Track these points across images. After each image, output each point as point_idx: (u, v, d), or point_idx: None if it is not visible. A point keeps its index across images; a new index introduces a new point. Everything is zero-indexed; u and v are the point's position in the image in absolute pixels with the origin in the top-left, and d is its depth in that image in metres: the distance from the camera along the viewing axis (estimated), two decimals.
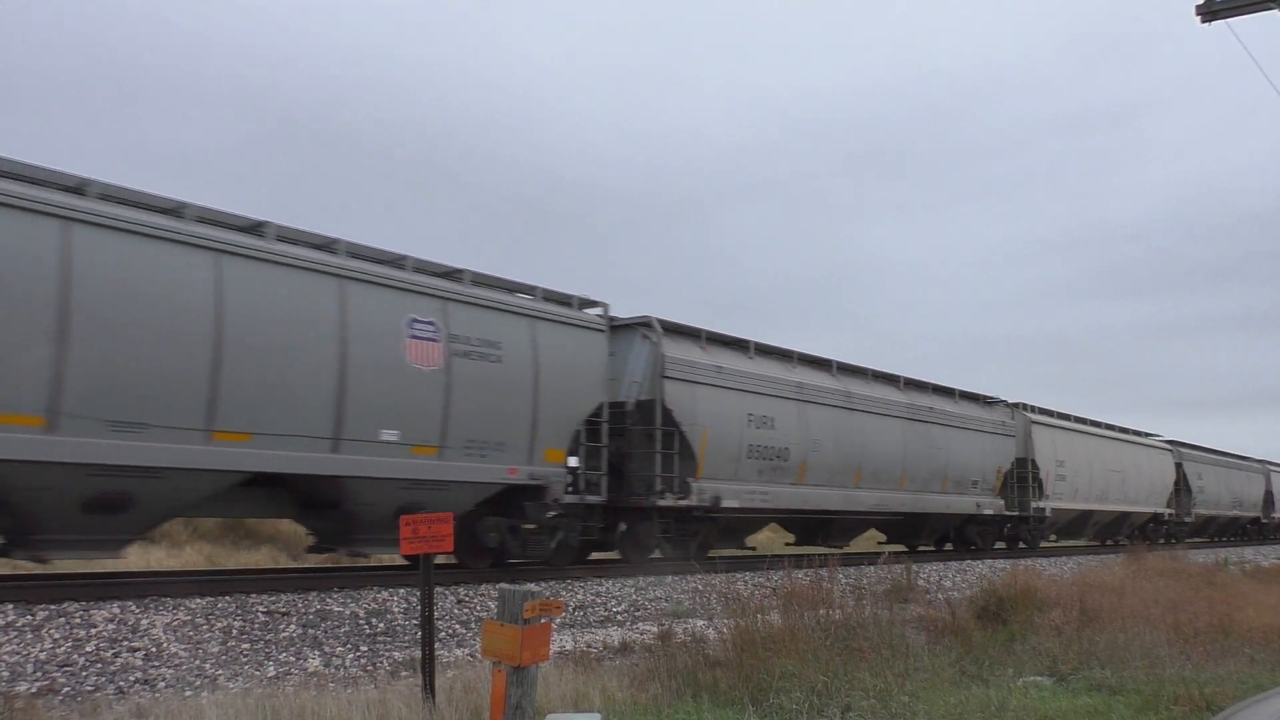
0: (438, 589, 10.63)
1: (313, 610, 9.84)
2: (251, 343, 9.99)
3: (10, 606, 8.40)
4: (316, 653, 8.73)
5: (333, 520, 11.42)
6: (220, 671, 7.83)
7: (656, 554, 14.94)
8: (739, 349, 17.04)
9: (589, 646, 9.80)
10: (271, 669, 8.09)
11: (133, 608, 8.90)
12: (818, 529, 19.50)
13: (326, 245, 11.20)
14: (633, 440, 14.55)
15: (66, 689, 7.07)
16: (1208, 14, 10.42)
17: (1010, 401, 25.25)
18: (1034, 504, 24.51)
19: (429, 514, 6.54)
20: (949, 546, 23.79)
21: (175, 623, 8.75)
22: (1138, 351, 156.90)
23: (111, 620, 8.49)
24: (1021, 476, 24.37)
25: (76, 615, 8.46)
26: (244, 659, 8.25)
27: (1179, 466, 34.00)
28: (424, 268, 12.07)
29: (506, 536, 12.88)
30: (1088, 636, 10.56)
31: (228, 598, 9.77)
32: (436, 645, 7.78)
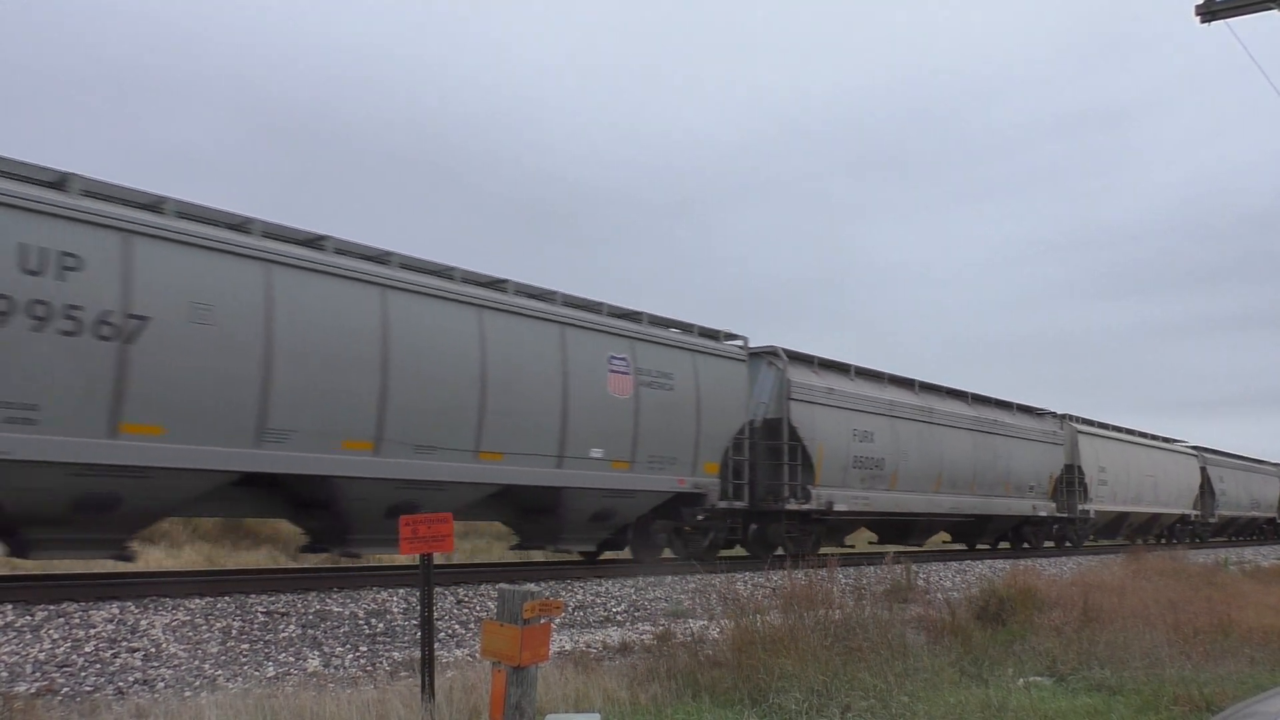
0: (437, 589, 10.62)
1: (312, 610, 9.83)
2: (504, 381, 12.51)
3: (9, 607, 8.39)
4: (316, 653, 8.72)
5: (546, 523, 13.82)
6: (219, 672, 7.82)
7: (779, 551, 17.12)
8: (842, 372, 19.56)
9: (589, 647, 9.80)
10: (271, 669, 8.08)
11: (132, 608, 8.89)
12: (902, 530, 21.87)
13: (545, 295, 13.58)
14: (759, 453, 16.89)
15: (65, 689, 7.07)
16: (1207, 14, 10.41)
17: (1058, 413, 27.53)
18: (1080, 506, 26.96)
19: (429, 514, 6.54)
20: (1004, 545, 26.58)
21: (174, 623, 8.74)
22: (1138, 351, 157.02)
23: (111, 621, 8.49)
24: (1069, 481, 26.90)
25: (75, 615, 8.45)
26: (243, 659, 8.24)
27: (1203, 470, 36.10)
28: (615, 311, 14.64)
29: (672, 536, 15.74)
30: (1087, 636, 10.56)
31: (227, 598, 9.76)
32: (436, 645, 7.77)
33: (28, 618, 8.23)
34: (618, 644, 10.02)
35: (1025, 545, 25.81)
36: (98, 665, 7.62)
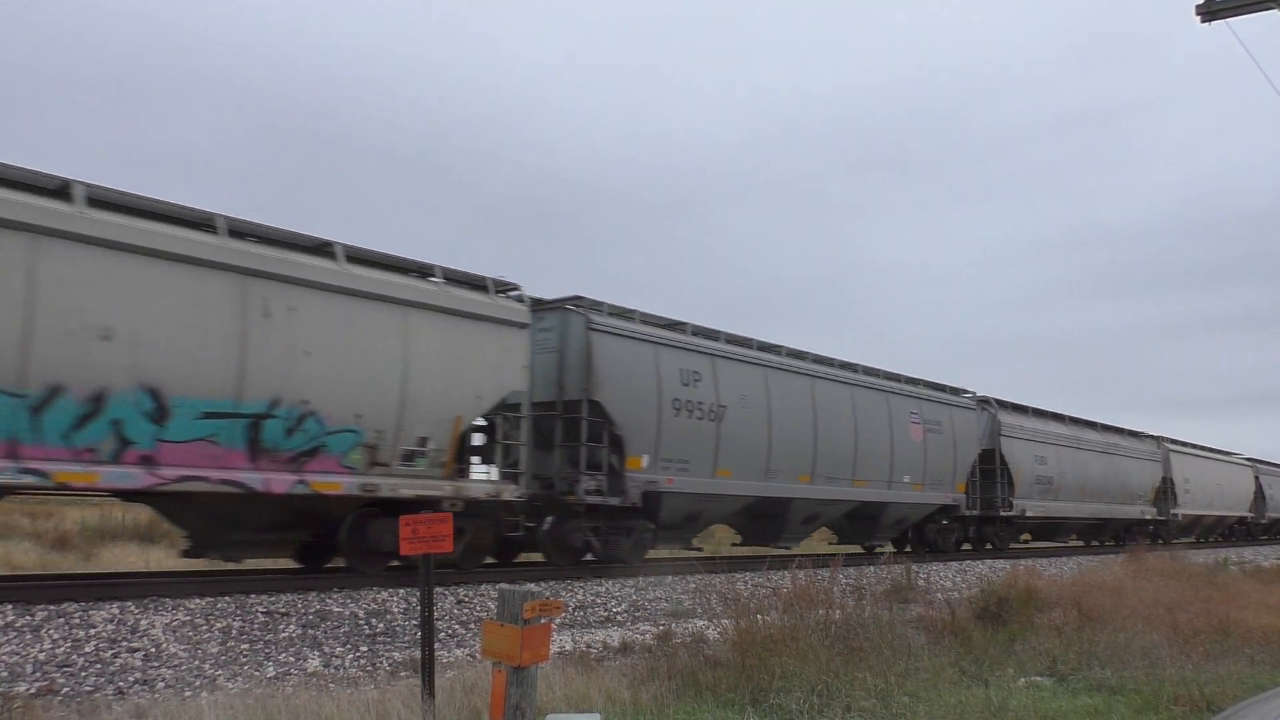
0: (437, 589, 10.62)
1: (312, 610, 9.83)
2: (866, 434, 19.57)
3: (10, 607, 8.39)
4: (316, 653, 8.72)
5: (867, 527, 20.93)
6: (219, 672, 7.82)
7: (989, 546, 24.67)
8: (1023, 412, 26.61)
9: (589, 647, 9.79)
10: (271, 669, 8.08)
11: (132, 608, 8.89)
12: (1056, 530, 29.33)
13: (874, 372, 20.76)
14: (977, 474, 23.69)
15: (66, 689, 7.06)
16: (1208, 14, 10.40)
17: (1155, 435, 33.80)
18: (1171, 510, 33.24)
19: (429, 514, 6.53)
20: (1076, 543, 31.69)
21: (174, 623, 8.74)
22: (1137, 351, 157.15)
23: (111, 621, 8.48)
24: (1162, 491, 32.81)
25: (76, 616, 8.45)
26: (243, 659, 8.24)
27: (1257, 479, 42.09)
28: (907, 379, 21.78)
29: (934, 535, 22.68)
30: (1088, 637, 10.56)
31: (227, 598, 9.76)
32: (436, 645, 7.77)
33: (28, 618, 8.23)
34: (618, 644, 10.02)
35: (1124, 544, 29.64)
36: (98, 665, 7.62)
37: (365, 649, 9.07)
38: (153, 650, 8.06)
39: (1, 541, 19.67)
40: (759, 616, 8.63)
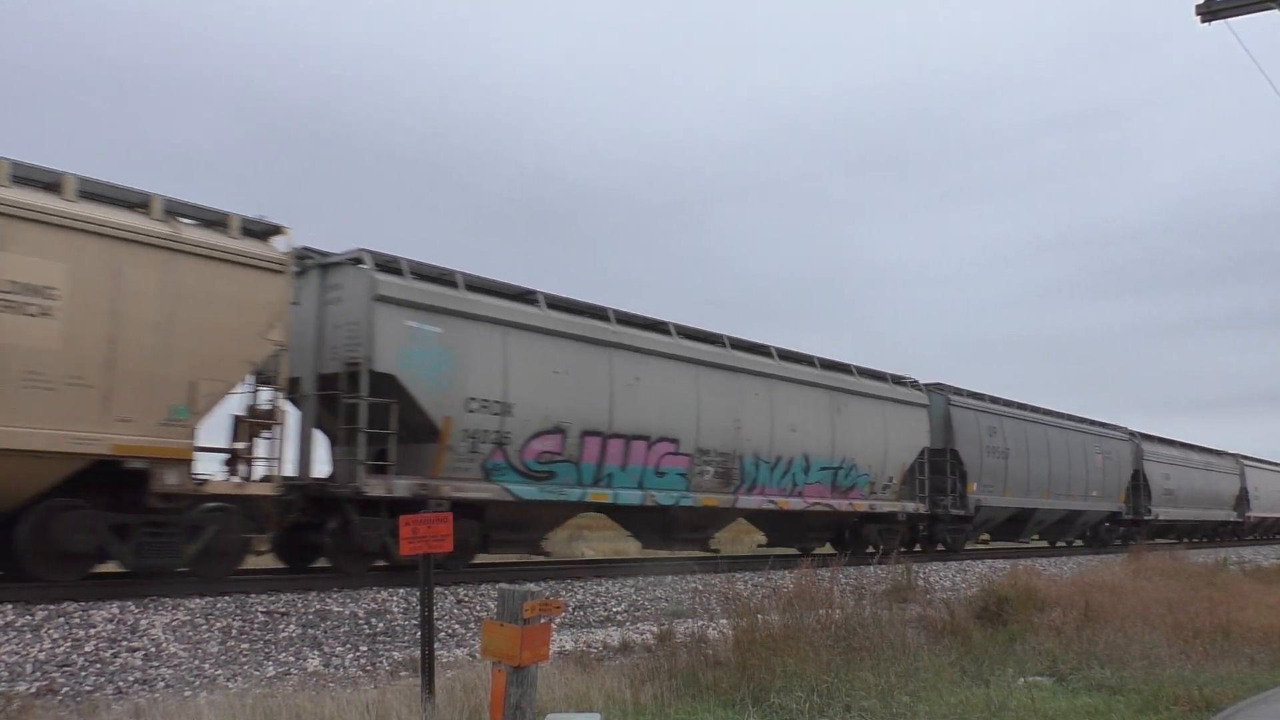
0: (437, 589, 10.62)
1: (312, 610, 9.83)
2: (1070, 460, 27.47)
3: (10, 607, 8.38)
4: (316, 653, 8.72)
5: (1064, 530, 29.17)
6: (219, 671, 7.82)
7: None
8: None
9: (589, 646, 9.79)
10: (271, 669, 8.08)
11: (132, 608, 8.89)
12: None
13: (1068, 415, 28.78)
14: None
15: (65, 689, 7.06)
16: (1208, 14, 10.39)
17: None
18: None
19: (429, 514, 6.53)
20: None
21: (174, 623, 8.74)
22: (1136, 351, 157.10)
23: (111, 620, 8.48)
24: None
25: (76, 615, 8.45)
26: (243, 659, 8.24)
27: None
28: (1092, 421, 30.11)
29: (1103, 533, 30.02)
30: (1087, 636, 10.56)
31: (227, 598, 9.75)
32: (436, 645, 7.77)
33: (28, 617, 8.22)
34: (618, 644, 10.02)
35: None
36: (98, 665, 7.61)
37: (365, 649, 9.06)
38: (153, 650, 8.06)
39: None
40: (759, 616, 8.63)
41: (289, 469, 11.75)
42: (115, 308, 9.62)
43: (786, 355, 18.15)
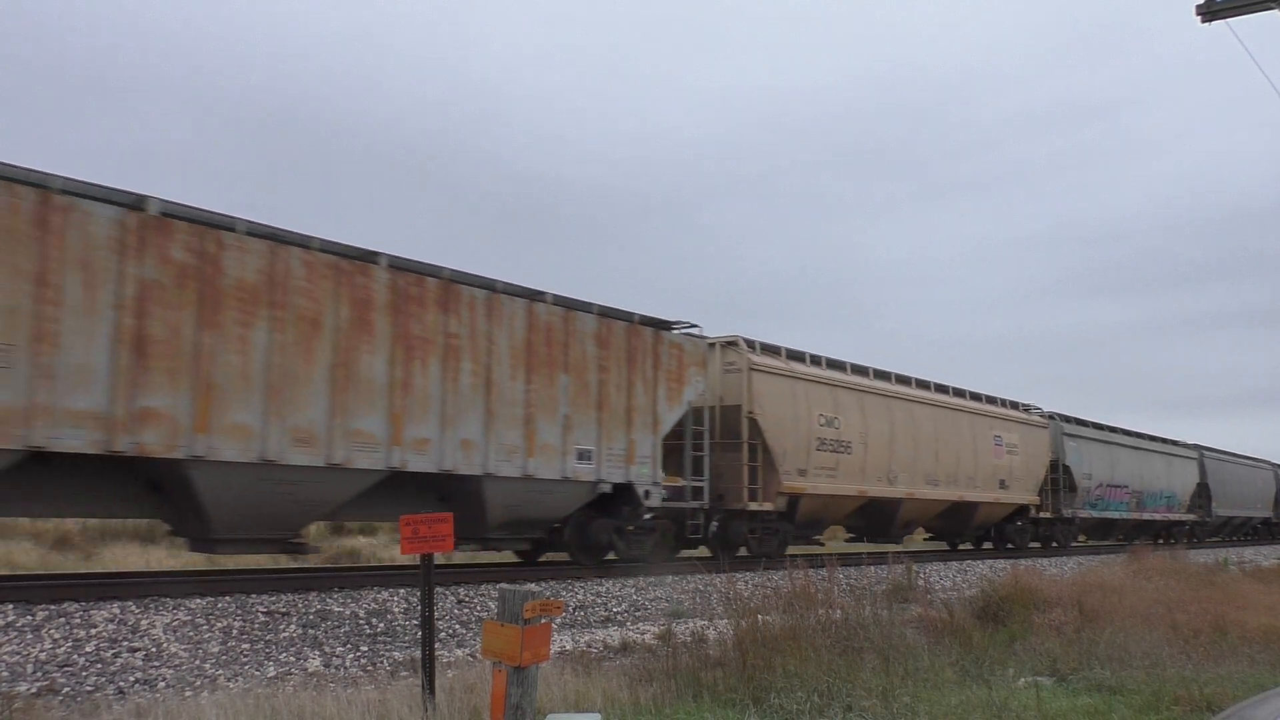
0: (438, 589, 10.63)
1: (313, 610, 9.84)
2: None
3: (10, 606, 8.40)
4: (316, 653, 8.72)
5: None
6: (220, 672, 7.83)
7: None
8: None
9: (589, 646, 9.80)
10: (271, 669, 8.09)
11: (133, 608, 8.90)
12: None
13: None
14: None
15: (66, 689, 7.07)
16: (1208, 14, 10.38)
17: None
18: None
19: (429, 514, 6.54)
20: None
21: (175, 623, 8.75)
22: (1126, 349, 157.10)
23: (111, 620, 8.49)
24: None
25: (76, 615, 8.46)
26: (244, 659, 8.25)
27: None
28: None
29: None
30: (1088, 637, 10.56)
31: (228, 598, 9.77)
32: (436, 645, 7.78)
33: (29, 617, 8.23)
34: (618, 644, 10.02)
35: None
36: (98, 665, 7.62)
37: (366, 649, 9.07)
38: (153, 650, 8.07)
39: (2, 541, 19.68)
40: (759, 616, 8.63)
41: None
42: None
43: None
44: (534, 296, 13.30)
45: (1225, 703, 8.30)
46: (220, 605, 9.44)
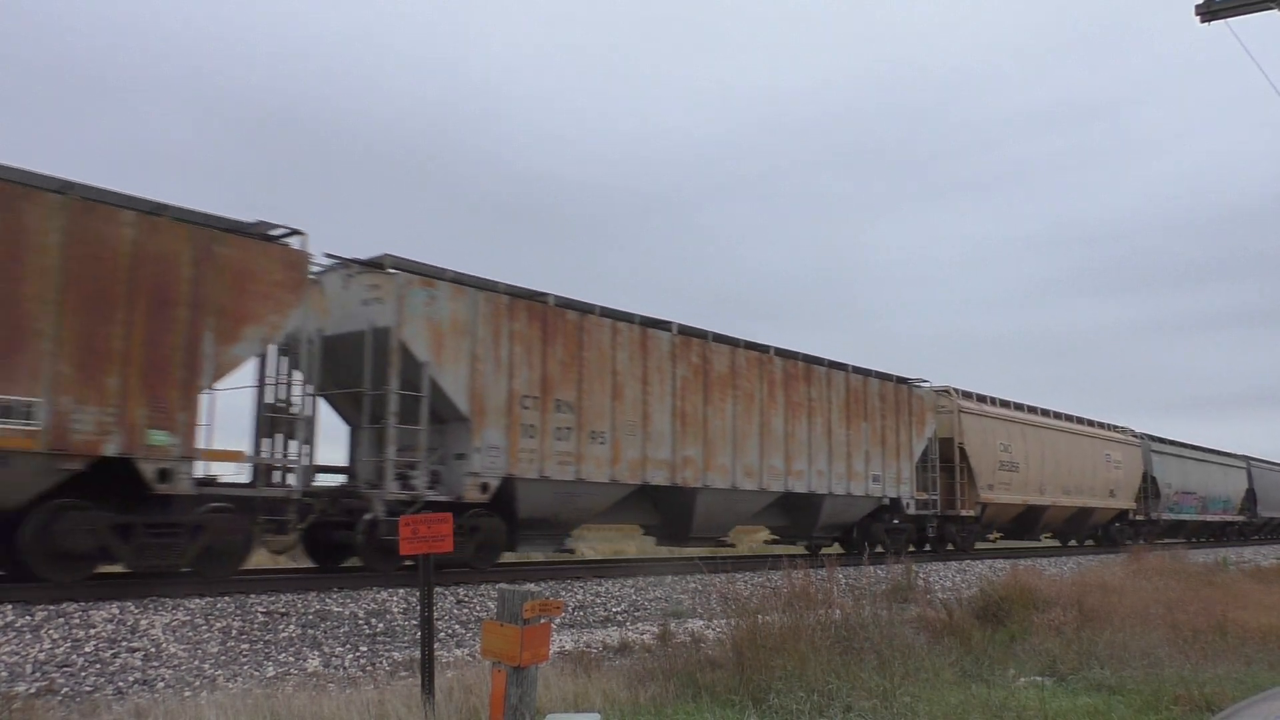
0: (437, 589, 10.62)
1: (312, 610, 9.83)
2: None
3: (9, 607, 8.39)
4: (316, 653, 8.72)
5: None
6: (219, 672, 7.82)
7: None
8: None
9: (589, 646, 9.79)
10: (271, 669, 8.08)
11: (132, 608, 8.89)
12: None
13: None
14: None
15: (66, 689, 7.06)
16: (1207, 14, 10.37)
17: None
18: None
19: (429, 514, 6.54)
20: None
21: (174, 623, 8.74)
22: (1124, 349, 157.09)
23: (110, 621, 8.48)
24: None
25: (75, 616, 8.45)
26: (243, 659, 8.24)
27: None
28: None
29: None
30: (1087, 637, 10.56)
31: (227, 598, 9.76)
32: (436, 645, 7.77)
33: (28, 618, 8.23)
34: (618, 644, 10.02)
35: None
36: (98, 665, 7.62)
37: (365, 649, 9.07)
38: (153, 650, 8.06)
39: None
40: (759, 617, 8.63)
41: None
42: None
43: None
44: (843, 369, 19.51)
45: (1224, 702, 8.30)
46: (219, 605, 9.44)
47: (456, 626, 10.26)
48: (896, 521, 20.74)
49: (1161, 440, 34.72)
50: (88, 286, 9.47)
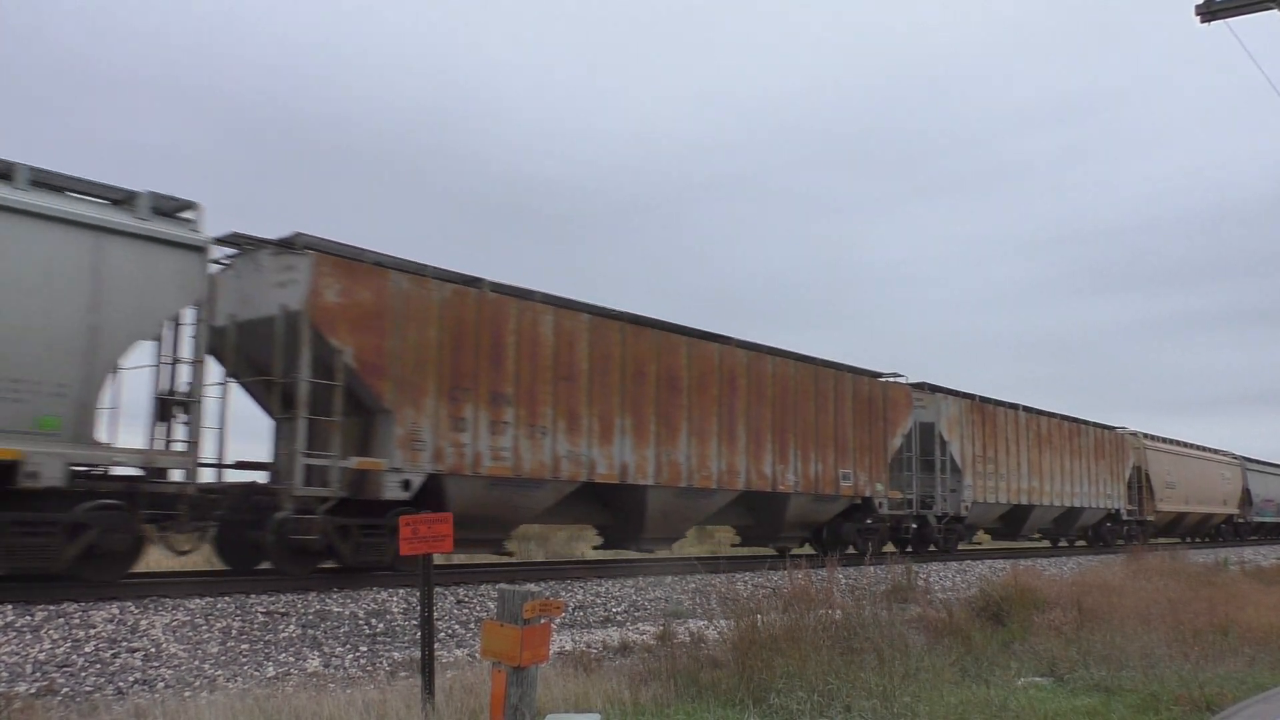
0: (437, 589, 10.62)
1: (312, 611, 9.83)
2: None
3: (9, 607, 8.39)
4: (316, 653, 8.72)
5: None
6: (219, 672, 7.82)
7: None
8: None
9: (589, 647, 9.79)
10: (271, 669, 8.08)
11: (132, 608, 8.89)
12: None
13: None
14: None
15: (65, 689, 7.06)
16: (1207, 14, 10.38)
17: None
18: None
19: (429, 514, 6.54)
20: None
21: (174, 623, 8.74)
22: (1129, 349, 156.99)
23: (111, 621, 8.48)
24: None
25: (75, 616, 8.45)
26: (243, 659, 8.24)
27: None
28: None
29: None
30: (1087, 637, 10.56)
31: (227, 598, 9.76)
32: (436, 645, 7.77)
33: (28, 618, 8.23)
34: (618, 644, 10.02)
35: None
36: (98, 665, 7.62)
37: (365, 649, 9.07)
38: (153, 650, 8.06)
39: None
40: (759, 616, 8.63)
41: None
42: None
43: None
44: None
45: (1225, 703, 8.30)
46: (219, 605, 9.44)
47: (456, 626, 10.27)
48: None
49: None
50: (864, 414, 17.90)
